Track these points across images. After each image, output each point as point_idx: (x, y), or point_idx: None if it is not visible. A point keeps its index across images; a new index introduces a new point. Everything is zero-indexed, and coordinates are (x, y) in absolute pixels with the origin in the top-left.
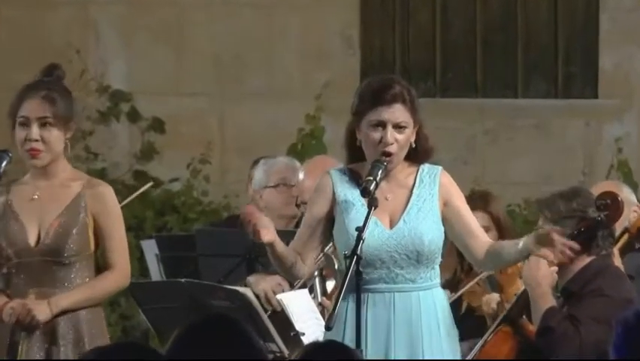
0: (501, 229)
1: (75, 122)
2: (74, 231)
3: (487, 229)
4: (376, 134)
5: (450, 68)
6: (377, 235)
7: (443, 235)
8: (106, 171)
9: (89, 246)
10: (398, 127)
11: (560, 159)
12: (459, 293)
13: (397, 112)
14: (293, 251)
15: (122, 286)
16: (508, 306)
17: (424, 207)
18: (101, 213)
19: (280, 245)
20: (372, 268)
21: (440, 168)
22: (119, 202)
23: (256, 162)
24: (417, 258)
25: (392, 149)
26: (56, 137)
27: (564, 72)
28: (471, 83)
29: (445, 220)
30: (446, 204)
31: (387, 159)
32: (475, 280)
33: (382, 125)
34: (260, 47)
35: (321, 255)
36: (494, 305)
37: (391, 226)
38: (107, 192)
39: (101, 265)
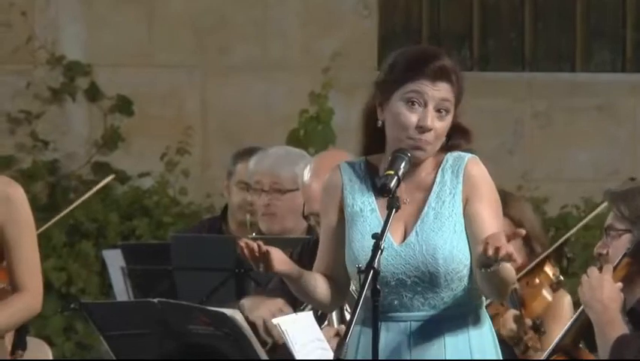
0: (527, 239)
1: None
2: None
3: (507, 239)
4: (412, 114)
5: (490, 34)
6: (383, 251)
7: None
8: (58, 164)
9: None
10: (439, 111)
11: (629, 149)
12: None
13: (444, 92)
14: (312, 275)
15: (32, 313)
16: (529, 322)
17: (441, 212)
18: (6, 220)
19: (297, 273)
20: (380, 292)
21: (468, 156)
22: (75, 200)
23: (240, 155)
24: (431, 281)
25: (429, 137)
26: None
27: (634, 39)
28: (517, 54)
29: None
30: (466, 204)
31: (417, 153)
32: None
33: (423, 102)
34: (251, 7)
35: None
36: (512, 325)
37: (402, 239)
38: (14, 193)
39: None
